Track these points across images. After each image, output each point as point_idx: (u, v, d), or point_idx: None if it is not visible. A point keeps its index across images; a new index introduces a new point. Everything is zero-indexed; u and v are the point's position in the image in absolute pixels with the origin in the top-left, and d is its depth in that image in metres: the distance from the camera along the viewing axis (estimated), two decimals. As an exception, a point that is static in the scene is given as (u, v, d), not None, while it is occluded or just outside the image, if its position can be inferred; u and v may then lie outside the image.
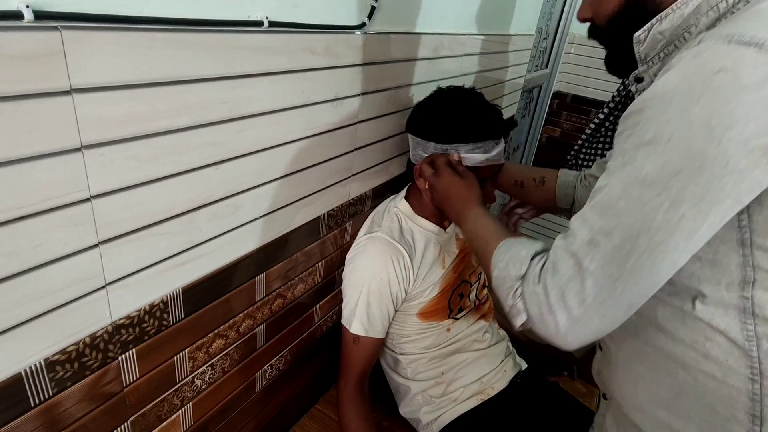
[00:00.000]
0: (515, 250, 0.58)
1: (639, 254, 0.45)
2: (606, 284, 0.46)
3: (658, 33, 0.52)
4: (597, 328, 0.48)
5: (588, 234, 0.47)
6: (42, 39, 0.39)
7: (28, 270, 0.44)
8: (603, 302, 0.47)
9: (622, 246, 0.45)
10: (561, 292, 0.48)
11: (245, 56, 0.59)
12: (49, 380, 0.50)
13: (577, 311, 0.47)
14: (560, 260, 0.49)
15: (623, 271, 0.45)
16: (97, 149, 0.46)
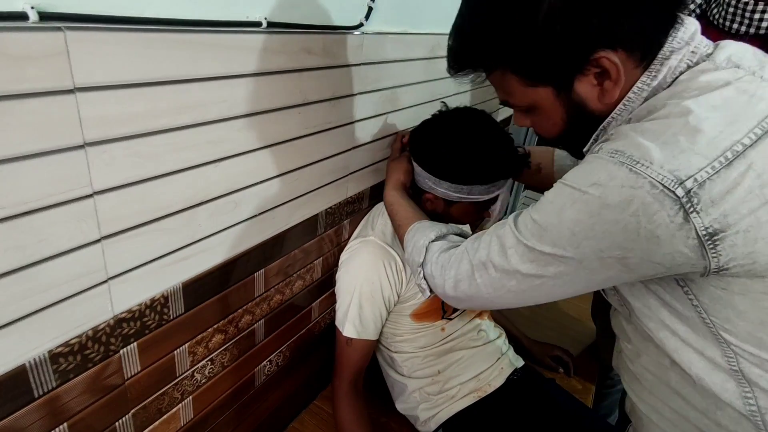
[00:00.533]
0: (417, 238, 0.73)
1: (507, 291, 0.57)
2: (484, 295, 0.60)
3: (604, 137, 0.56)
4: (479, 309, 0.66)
5: (485, 256, 0.58)
6: (46, 39, 0.41)
7: (33, 264, 0.46)
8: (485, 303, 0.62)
9: (499, 280, 0.57)
10: (454, 283, 0.63)
11: (244, 56, 0.60)
12: (53, 372, 0.51)
13: (462, 297, 0.63)
14: (462, 261, 0.62)
15: (498, 294, 0.58)
16: (100, 146, 0.48)
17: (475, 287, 0.60)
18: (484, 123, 0.89)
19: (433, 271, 0.67)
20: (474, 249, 0.61)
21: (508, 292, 0.57)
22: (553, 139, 0.61)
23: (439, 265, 0.66)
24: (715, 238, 0.43)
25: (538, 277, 0.53)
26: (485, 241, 0.59)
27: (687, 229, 0.43)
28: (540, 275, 0.53)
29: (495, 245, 0.57)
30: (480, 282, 0.59)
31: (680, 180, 0.42)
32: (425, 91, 1.09)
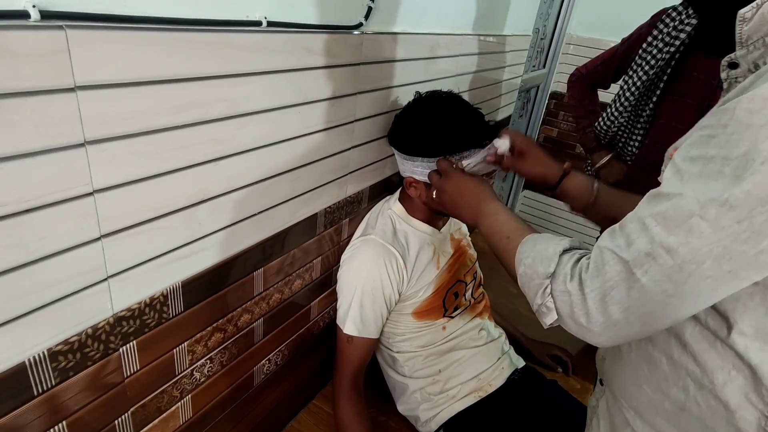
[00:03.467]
0: (541, 246, 0.56)
1: (702, 279, 0.41)
2: (656, 299, 0.44)
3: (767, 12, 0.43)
4: (634, 334, 0.47)
5: (647, 245, 0.43)
6: (48, 38, 0.41)
7: (33, 261, 0.46)
8: (648, 313, 0.45)
9: (685, 266, 0.42)
10: (602, 296, 0.46)
11: (244, 55, 0.60)
12: (52, 370, 0.52)
13: (618, 317, 0.46)
14: (608, 264, 0.46)
15: (678, 291, 0.43)
16: (100, 145, 0.48)
17: (639, 291, 0.44)
18: (448, 98, 0.93)
19: (569, 287, 0.49)
20: (620, 242, 0.46)
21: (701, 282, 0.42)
22: None
23: (575, 278, 0.49)
24: None
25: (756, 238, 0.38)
26: (634, 229, 0.45)
27: None
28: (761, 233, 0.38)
29: (658, 227, 0.43)
30: (646, 280, 0.43)
31: None
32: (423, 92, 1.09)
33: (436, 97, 0.93)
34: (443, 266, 1.03)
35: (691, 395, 0.53)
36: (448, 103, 0.92)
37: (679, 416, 0.55)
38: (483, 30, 1.32)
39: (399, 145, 0.94)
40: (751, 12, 0.45)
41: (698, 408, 0.52)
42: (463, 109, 0.91)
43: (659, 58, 1.28)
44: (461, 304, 1.07)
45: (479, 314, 1.11)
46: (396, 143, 0.95)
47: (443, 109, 0.90)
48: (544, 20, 2.15)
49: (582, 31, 2.49)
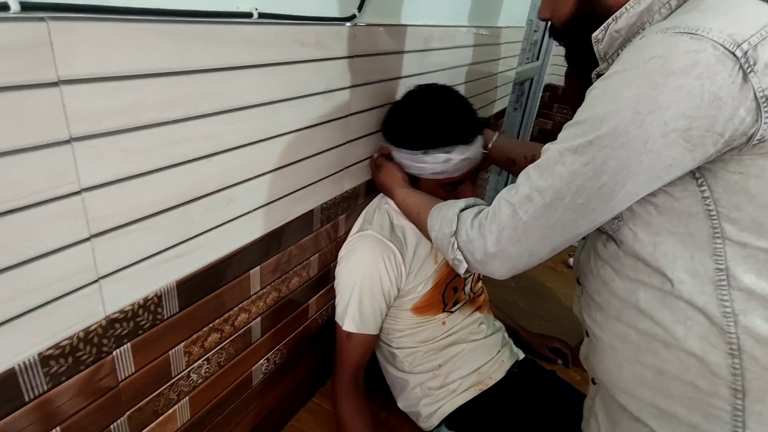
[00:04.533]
0: (443, 212, 0.70)
1: (565, 211, 0.53)
2: (536, 231, 0.56)
3: (614, 32, 0.56)
4: (525, 264, 0.59)
5: (527, 189, 0.55)
6: (28, 30, 0.39)
7: (20, 263, 0.44)
8: (532, 245, 0.57)
9: (553, 203, 0.53)
10: (497, 236, 0.58)
11: (235, 48, 0.58)
12: (44, 375, 0.50)
13: (510, 251, 0.58)
14: (501, 209, 0.58)
15: (550, 224, 0.54)
16: (87, 141, 0.46)
17: (522, 227, 0.55)
18: (437, 92, 0.93)
19: (470, 235, 0.62)
20: (512, 192, 0.58)
21: (564, 215, 0.53)
22: (563, 24, 0.61)
23: (475, 227, 0.62)
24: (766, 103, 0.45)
25: (597, 176, 0.50)
26: (522, 181, 0.57)
27: (746, 90, 0.44)
28: (600, 171, 0.50)
29: (535, 174, 0.55)
30: (527, 218, 0.55)
31: (737, 42, 0.44)
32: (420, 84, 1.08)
33: (426, 91, 0.93)
34: (441, 261, 1.02)
35: (663, 357, 0.57)
36: (436, 98, 0.91)
37: (660, 381, 0.58)
38: (477, 22, 1.31)
39: (387, 136, 0.94)
40: (602, 33, 0.58)
41: (673, 366, 0.56)
42: (449, 104, 0.90)
43: None
44: (460, 298, 1.06)
45: (479, 308, 1.11)
46: (387, 135, 0.95)
47: (429, 104, 0.90)
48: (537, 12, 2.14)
49: (575, 22, 2.48)
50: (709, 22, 0.45)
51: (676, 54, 0.45)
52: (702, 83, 0.44)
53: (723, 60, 0.44)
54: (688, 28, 0.45)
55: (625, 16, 0.55)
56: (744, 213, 0.50)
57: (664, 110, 0.46)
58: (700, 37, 0.45)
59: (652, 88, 0.46)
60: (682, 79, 0.45)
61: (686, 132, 0.46)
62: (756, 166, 0.48)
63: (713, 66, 0.44)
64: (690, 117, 0.46)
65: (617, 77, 0.49)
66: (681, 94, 0.45)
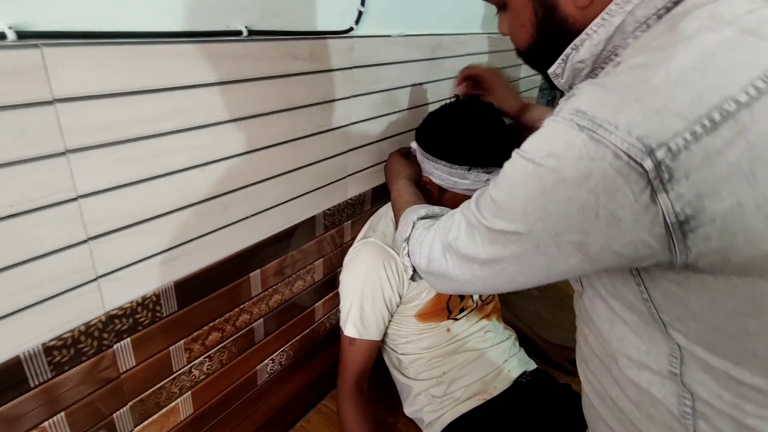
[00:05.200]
0: (409, 215, 0.71)
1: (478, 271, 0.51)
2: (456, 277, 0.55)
3: (577, 62, 0.48)
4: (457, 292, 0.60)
5: (453, 238, 0.54)
6: (24, 56, 0.44)
7: (21, 262, 0.50)
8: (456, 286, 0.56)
9: (466, 262, 0.52)
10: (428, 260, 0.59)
11: (224, 64, 0.63)
12: (47, 363, 0.55)
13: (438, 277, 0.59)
14: (435, 241, 0.58)
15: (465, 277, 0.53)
16: (82, 153, 0.51)
17: (445, 268, 0.56)
18: (487, 111, 0.91)
19: (413, 247, 0.65)
20: (446, 229, 0.56)
21: (474, 277, 0.52)
22: (524, 50, 0.54)
23: (419, 241, 0.63)
24: (685, 227, 0.36)
25: (498, 261, 0.48)
26: (456, 221, 0.55)
27: (653, 213, 0.36)
28: (500, 259, 0.48)
29: (462, 225, 0.53)
30: (450, 264, 0.55)
31: (650, 149, 0.35)
32: (427, 92, 1.09)
33: (474, 107, 0.91)
34: (447, 267, 1.02)
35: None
36: (486, 117, 0.89)
37: None
38: (491, 28, 1.30)
39: (425, 145, 0.91)
40: (560, 68, 0.50)
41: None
42: (498, 125, 0.88)
43: None
44: (467, 305, 1.05)
45: (487, 316, 1.09)
46: (423, 142, 0.92)
47: (479, 122, 0.88)
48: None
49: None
50: (620, 113, 0.37)
51: (570, 158, 0.38)
52: (597, 199, 0.38)
53: (625, 172, 0.36)
54: (592, 122, 0.38)
55: (587, 44, 0.46)
56: (690, 328, 0.43)
57: (555, 221, 0.41)
58: (599, 141, 0.37)
59: (541, 194, 0.41)
60: (573, 190, 0.39)
61: (581, 245, 0.41)
62: (698, 281, 0.39)
63: (611, 180, 0.37)
64: (583, 232, 0.40)
65: (519, 163, 0.44)
66: (572, 208, 0.39)
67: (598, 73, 0.47)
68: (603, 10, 0.44)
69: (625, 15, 0.43)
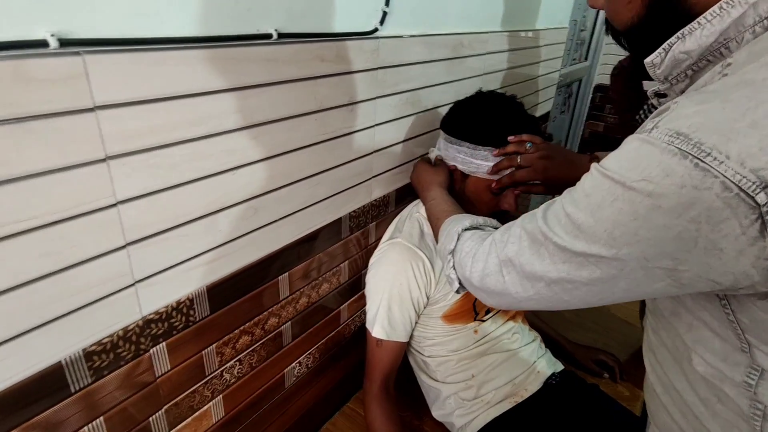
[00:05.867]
0: (452, 226, 0.68)
1: (542, 289, 0.49)
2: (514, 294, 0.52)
3: (680, 53, 0.43)
4: (511, 307, 0.59)
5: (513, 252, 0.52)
6: (66, 64, 0.45)
7: (65, 268, 0.50)
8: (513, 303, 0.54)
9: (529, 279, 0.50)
10: (481, 274, 0.56)
11: (255, 67, 0.63)
12: (87, 369, 0.56)
13: (491, 293, 0.56)
14: (490, 255, 0.56)
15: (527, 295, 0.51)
16: (120, 159, 0.52)
17: (503, 285, 0.53)
18: (509, 99, 0.94)
19: (463, 260, 0.61)
20: (503, 243, 0.54)
21: (538, 295, 0.49)
22: (624, 29, 0.48)
23: (469, 255, 0.60)
24: None
25: (570, 281, 0.45)
26: (515, 235, 0.52)
27: (760, 247, 0.34)
28: (572, 280, 0.45)
29: (525, 241, 0.50)
30: (508, 280, 0.52)
31: (766, 183, 0.32)
32: (450, 92, 1.08)
33: (499, 94, 0.96)
34: (473, 268, 1.01)
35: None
36: (510, 101, 0.94)
37: None
38: (512, 26, 1.29)
39: (449, 129, 0.94)
40: (659, 58, 0.45)
41: None
42: (521, 108, 0.93)
43: None
44: (493, 307, 1.04)
45: (512, 317, 1.08)
46: (447, 127, 0.94)
47: (504, 104, 0.92)
48: (584, 11, 2.07)
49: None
50: (732, 141, 0.33)
51: (669, 185, 0.35)
52: (698, 228, 0.35)
53: (735, 205, 0.33)
54: (698, 149, 0.34)
55: (697, 34, 0.41)
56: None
57: (645, 247, 0.38)
58: (708, 169, 0.34)
59: (632, 219, 0.38)
60: (671, 219, 0.36)
61: (672, 272, 0.39)
62: None
63: (718, 211, 0.34)
64: (677, 259, 0.37)
65: (605, 184, 0.41)
66: (668, 235, 0.37)
67: (702, 66, 0.43)
68: None
69: (747, 7, 0.38)
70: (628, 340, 1.41)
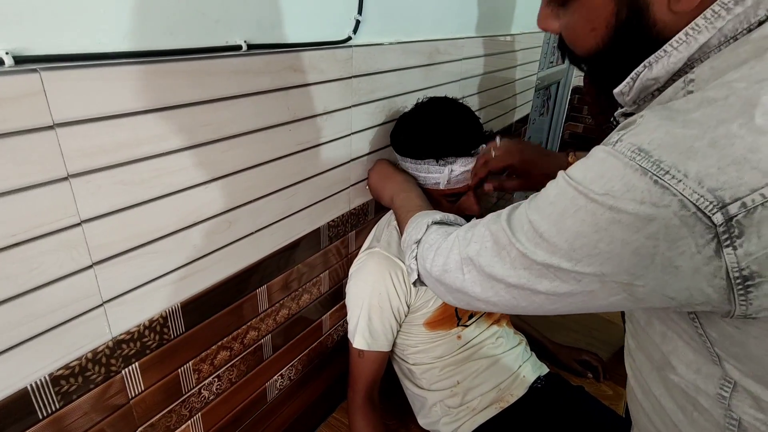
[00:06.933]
0: (422, 218, 0.68)
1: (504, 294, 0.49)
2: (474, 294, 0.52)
3: (648, 80, 0.44)
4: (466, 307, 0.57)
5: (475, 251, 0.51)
6: (22, 81, 0.43)
7: (26, 292, 0.48)
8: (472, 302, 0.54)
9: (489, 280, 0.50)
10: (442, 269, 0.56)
11: (225, 80, 0.62)
12: (55, 394, 0.54)
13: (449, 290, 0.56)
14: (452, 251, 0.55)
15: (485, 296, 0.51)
16: (84, 177, 0.50)
17: (461, 282, 0.52)
18: (445, 103, 0.93)
19: (425, 252, 0.61)
20: (466, 240, 0.53)
21: (497, 296, 0.49)
22: (584, 56, 0.48)
23: (432, 248, 0.59)
24: (748, 283, 0.34)
25: (528, 288, 0.45)
26: (478, 234, 0.51)
27: (716, 266, 0.34)
28: (532, 288, 0.45)
29: (488, 242, 0.49)
30: (468, 278, 0.52)
31: (722, 203, 0.33)
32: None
33: (433, 102, 0.93)
34: (454, 274, 1.01)
35: None
36: (441, 109, 0.91)
37: None
38: (487, 32, 1.30)
39: (394, 145, 0.94)
40: (627, 86, 0.46)
41: None
42: (453, 115, 0.89)
43: None
44: (476, 312, 1.04)
45: (497, 321, 1.08)
46: (393, 143, 0.95)
47: (433, 114, 0.90)
48: (559, 14, 2.10)
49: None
50: (691, 159, 0.33)
51: (630, 200, 0.36)
52: (656, 245, 0.35)
53: (692, 224, 0.34)
54: (658, 167, 0.34)
55: (663, 62, 0.41)
56: (746, 366, 0.41)
57: (604, 261, 0.38)
58: (665, 188, 0.34)
59: (593, 232, 0.38)
60: (630, 234, 0.36)
61: (629, 287, 0.39)
62: (758, 327, 0.37)
63: (675, 228, 0.34)
64: (634, 275, 0.38)
65: (569, 193, 0.41)
66: (626, 250, 0.37)
67: (668, 86, 0.43)
68: (696, 17, 0.39)
69: (714, 32, 0.38)
70: (610, 339, 1.42)
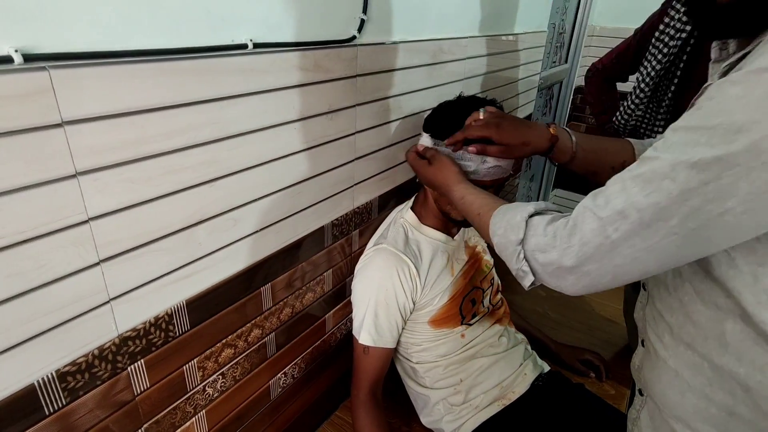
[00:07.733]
0: (509, 216, 0.61)
1: (666, 235, 0.44)
2: (625, 252, 0.47)
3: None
4: (606, 284, 0.51)
5: (621, 204, 0.46)
6: (31, 79, 0.43)
7: (34, 289, 0.49)
8: (619, 266, 0.48)
9: (651, 224, 0.44)
10: (578, 251, 0.50)
11: (231, 78, 0.62)
12: (62, 390, 0.54)
13: (590, 267, 0.50)
14: (585, 222, 0.49)
15: (644, 246, 0.45)
16: (91, 175, 0.50)
17: (609, 246, 0.47)
18: (479, 99, 0.93)
19: (542, 245, 0.54)
20: (600, 202, 0.48)
21: (666, 239, 0.44)
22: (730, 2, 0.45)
23: (549, 236, 0.53)
24: None
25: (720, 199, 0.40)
26: (614, 192, 0.48)
27: None
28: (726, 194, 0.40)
29: (633, 187, 0.45)
30: (616, 236, 0.46)
31: None
32: (431, 97, 1.09)
33: (480, 97, 0.95)
34: (458, 273, 1.01)
35: (738, 398, 0.50)
36: (491, 102, 0.91)
37: (728, 421, 0.52)
38: (490, 31, 1.30)
39: (432, 130, 0.91)
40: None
41: (748, 411, 0.50)
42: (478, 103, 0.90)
43: (671, 46, 1.23)
44: (479, 311, 1.05)
45: (499, 321, 1.09)
46: (430, 128, 0.92)
47: (461, 98, 0.93)
48: (562, 15, 2.10)
49: (605, 21, 2.41)
50: None
51: None
52: None
53: None
54: None
55: None
56: None
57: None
58: None
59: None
60: None
61: None
62: None
63: None
64: None
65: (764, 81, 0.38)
66: None
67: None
68: None
69: None
70: (612, 339, 1.43)
